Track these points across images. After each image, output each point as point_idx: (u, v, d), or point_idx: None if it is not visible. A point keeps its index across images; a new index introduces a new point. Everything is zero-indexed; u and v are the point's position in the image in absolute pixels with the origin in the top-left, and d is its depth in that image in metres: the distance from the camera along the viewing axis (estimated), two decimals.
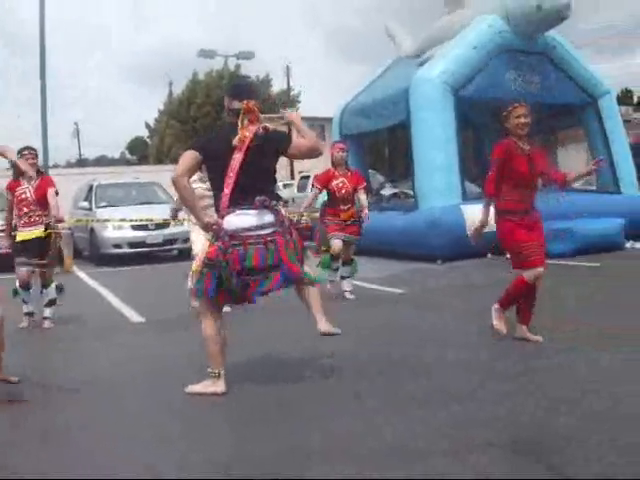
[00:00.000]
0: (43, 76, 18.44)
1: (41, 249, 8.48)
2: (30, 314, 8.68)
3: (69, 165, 63.43)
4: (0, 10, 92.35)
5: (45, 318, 8.65)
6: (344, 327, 6.96)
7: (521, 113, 6.26)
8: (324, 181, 9.60)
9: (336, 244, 9.46)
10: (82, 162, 64.33)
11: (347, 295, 9.65)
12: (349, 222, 9.50)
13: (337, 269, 9.75)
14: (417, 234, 13.32)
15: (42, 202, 8.52)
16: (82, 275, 14.38)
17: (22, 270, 8.55)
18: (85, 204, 18.24)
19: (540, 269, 6.33)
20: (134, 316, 8.89)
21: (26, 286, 8.61)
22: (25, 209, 8.52)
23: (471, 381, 5.25)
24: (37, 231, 8.43)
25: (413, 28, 18.77)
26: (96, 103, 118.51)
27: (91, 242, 17.19)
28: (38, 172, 8.66)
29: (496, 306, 6.64)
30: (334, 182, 9.52)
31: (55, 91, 69.38)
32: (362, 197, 9.59)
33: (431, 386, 5.18)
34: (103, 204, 17.81)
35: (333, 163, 9.68)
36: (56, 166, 49.21)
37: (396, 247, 13.86)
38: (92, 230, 16.93)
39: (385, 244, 13.91)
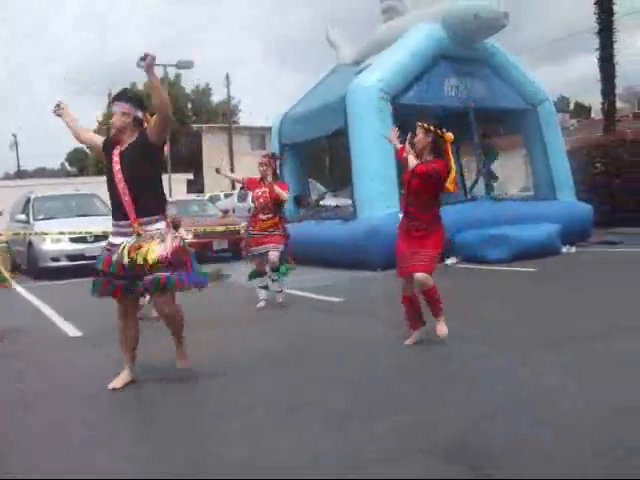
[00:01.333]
0: None
1: None
2: None
3: (7, 177, 62.45)
4: None
5: None
6: (269, 335, 6.99)
7: (416, 132, 6.53)
8: (250, 185, 9.89)
9: (254, 260, 9.80)
10: (21, 174, 63.36)
11: (278, 299, 9.76)
12: (266, 232, 9.60)
13: (266, 286, 9.85)
14: (356, 243, 13.37)
15: None
16: (20, 289, 14.11)
17: None
18: (23, 217, 17.93)
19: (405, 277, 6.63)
20: (72, 330, 8.76)
21: None
22: None
23: (401, 389, 5.30)
24: None
25: (354, 36, 18.90)
26: (34, 113, 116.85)
27: (29, 255, 16.88)
28: None
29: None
30: (256, 190, 9.74)
31: None
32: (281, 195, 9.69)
33: (359, 395, 5.20)
34: (41, 216, 17.53)
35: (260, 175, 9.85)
36: None
37: (336, 256, 13.89)
38: (30, 243, 16.63)
39: (325, 253, 13.97)
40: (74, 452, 4.36)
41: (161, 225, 5.53)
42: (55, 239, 15.92)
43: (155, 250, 5.36)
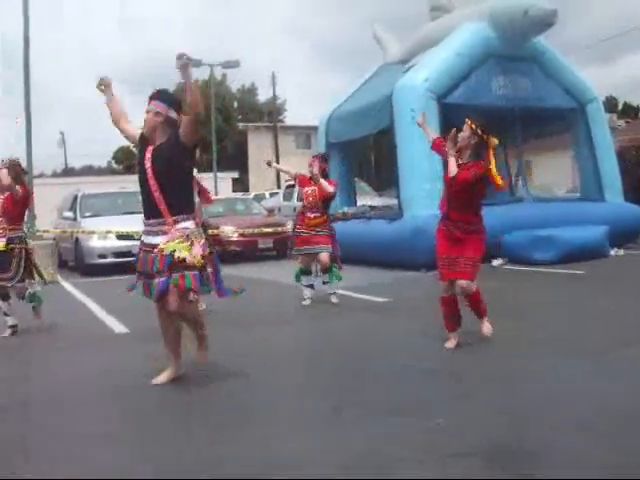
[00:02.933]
0: (27, 86, 18.35)
1: (4, 264, 8.41)
2: (13, 327, 8.65)
3: (55, 175, 63.20)
4: None
5: (12, 326, 8.63)
6: (316, 334, 6.96)
7: (463, 128, 6.44)
8: (301, 182, 9.94)
9: (301, 259, 9.84)
10: (68, 171, 64.08)
11: (332, 300, 9.75)
12: (314, 232, 9.61)
13: (311, 285, 9.89)
14: (402, 242, 13.30)
15: (10, 215, 8.49)
16: (67, 285, 14.28)
17: None
18: (70, 214, 18.13)
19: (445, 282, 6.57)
20: (117, 326, 8.82)
21: (4, 297, 8.58)
22: None
23: (441, 390, 5.27)
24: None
25: (400, 34, 18.79)
26: (83, 112, 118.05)
27: (76, 252, 17.09)
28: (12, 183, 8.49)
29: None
30: (306, 189, 9.78)
31: (42, 100, 69.22)
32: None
33: (399, 396, 5.16)
34: (88, 214, 17.70)
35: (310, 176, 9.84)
36: (42, 175, 49.11)
37: (381, 256, 13.85)
38: (77, 240, 16.82)
39: (370, 253, 13.92)
40: (102, 447, 4.37)
41: (189, 224, 5.53)
42: (102, 236, 16.04)
43: (197, 251, 5.41)
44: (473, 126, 6.34)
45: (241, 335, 7.86)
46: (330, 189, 9.60)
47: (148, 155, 5.56)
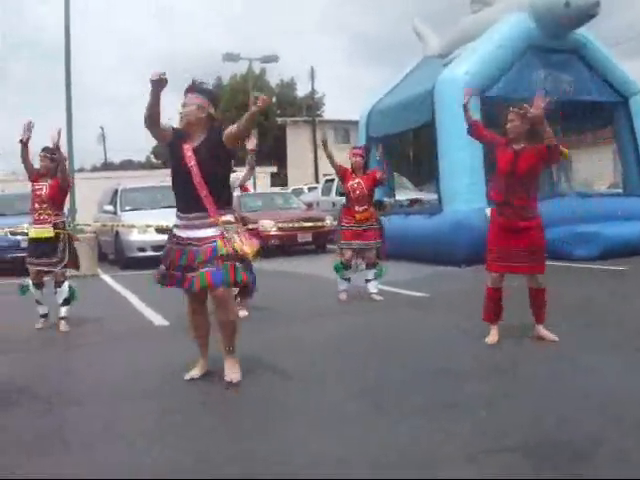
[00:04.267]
0: (68, 81, 18.47)
1: (48, 249, 8.47)
2: (45, 316, 8.74)
3: (95, 169, 63.73)
4: (26, 16, 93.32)
5: (61, 318, 8.59)
6: (356, 329, 6.92)
7: (510, 119, 6.41)
8: (343, 174, 9.79)
9: (347, 253, 9.69)
10: (108, 166, 64.61)
11: (375, 297, 9.71)
12: (365, 226, 9.55)
13: (348, 279, 9.81)
14: (441, 237, 13.23)
15: (55, 201, 8.56)
16: (106, 278, 14.41)
17: (32, 270, 8.63)
18: (110, 208, 18.29)
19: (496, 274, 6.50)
20: (158, 319, 8.86)
21: (39, 285, 8.68)
22: (37, 205, 8.55)
23: (484, 385, 5.22)
24: (46, 231, 8.44)
25: (440, 28, 18.66)
26: (122, 107, 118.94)
27: (116, 246, 17.25)
28: (56, 170, 8.55)
29: None
30: (350, 182, 9.64)
31: (82, 95, 69.82)
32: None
33: (441, 391, 5.13)
34: (128, 208, 17.84)
35: (351, 167, 9.78)
36: (82, 170, 49.52)
37: (420, 250, 13.77)
38: (117, 234, 16.98)
39: (410, 247, 13.84)
40: (140, 442, 4.38)
41: (231, 217, 5.52)
42: (142, 230, 16.15)
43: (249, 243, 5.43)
44: (521, 112, 6.27)
45: (279, 329, 7.85)
46: (381, 175, 9.76)
47: (189, 153, 5.44)
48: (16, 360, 7.06)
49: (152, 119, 5.38)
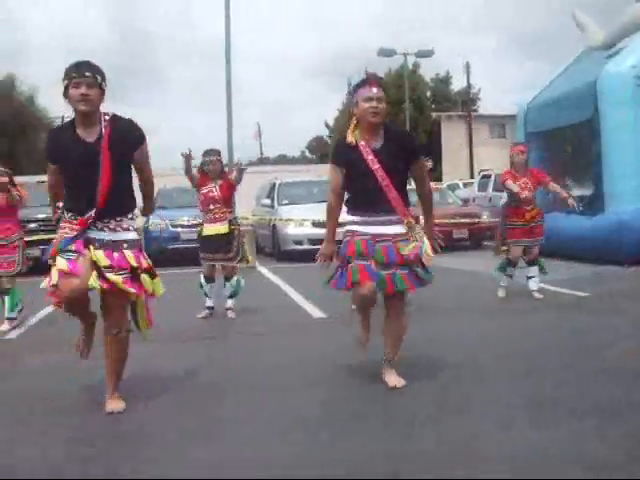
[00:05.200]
0: (229, 78, 18.96)
1: (224, 245, 8.77)
2: (211, 308, 9.06)
3: (251, 164, 65.09)
4: (188, 19, 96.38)
5: (228, 309, 9.02)
6: (515, 328, 6.90)
7: None
8: (507, 177, 9.49)
9: (516, 251, 9.50)
10: (263, 161, 65.87)
11: (535, 295, 9.52)
12: (533, 223, 9.38)
13: (510, 275, 9.65)
14: (603, 236, 12.76)
15: (227, 200, 8.81)
16: (264, 270, 14.68)
17: (206, 265, 8.96)
18: (267, 202, 18.68)
19: None
20: (315, 312, 8.94)
21: (210, 279, 8.95)
22: (211, 206, 8.82)
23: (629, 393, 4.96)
24: (222, 227, 8.73)
25: (602, 18, 17.99)
26: (277, 103, 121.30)
27: (273, 239, 17.56)
28: (222, 171, 9.03)
29: None
30: (518, 182, 9.38)
31: (238, 92, 71.51)
32: (555, 186, 9.66)
33: (602, 395, 4.91)
34: (285, 202, 18.14)
35: (512, 164, 9.53)
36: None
37: (580, 249, 13.34)
38: (274, 227, 17.30)
39: (569, 246, 13.43)
40: (287, 433, 4.42)
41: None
42: (299, 223, 16.37)
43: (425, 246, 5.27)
44: None
45: (435, 325, 7.77)
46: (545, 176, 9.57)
47: (371, 157, 5.16)
48: (188, 349, 7.34)
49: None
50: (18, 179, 9.06)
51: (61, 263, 4.80)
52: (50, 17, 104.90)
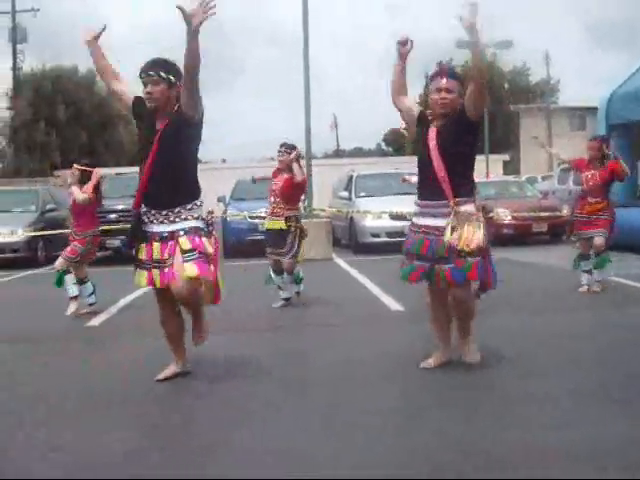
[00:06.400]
0: (306, 71, 18.99)
1: (279, 240, 8.96)
2: (287, 299, 9.20)
3: (327, 156, 65.24)
4: (265, 8, 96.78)
5: (297, 292, 9.36)
6: (591, 324, 7.10)
7: None
8: (580, 166, 9.68)
9: (582, 244, 9.51)
10: (339, 153, 65.93)
11: (595, 287, 9.44)
12: (594, 216, 9.28)
13: (589, 270, 9.47)
14: None
15: (286, 196, 8.97)
16: (340, 262, 14.71)
17: (269, 258, 9.21)
18: (345, 194, 18.71)
19: None
20: (393, 305, 8.93)
21: (278, 272, 9.12)
22: (272, 199, 9.12)
23: None
24: (278, 223, 8.95)
25: None
26: (353, 96, 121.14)
27: (350, 231, 17.61)
28: (290, 167, 8.99)
29: None
30: (585, 173, 9.45)
31: (315, 84, 71.84)
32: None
33: None
34: (362, 194, 18.15)
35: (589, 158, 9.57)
36: (314, 157, 50.88)
37: None
38: (351, 219, 17.34)
39: None
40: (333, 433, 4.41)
41: (471, 207, 5.29)
42: (376, 216, 16.35)
43: (478, 236, 5.14)
44: None
45: (513, 321, 7.69)
46: (625, 169, 9.37)
47: (432, 134, 5.30)
48: (261, 338, 7.43)
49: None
50: (100, 171, 9.21)
51: (140, 278, 5.39)
52: (133, 14, 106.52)
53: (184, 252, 5.08)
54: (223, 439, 4.27)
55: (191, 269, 5.04)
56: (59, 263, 8.91)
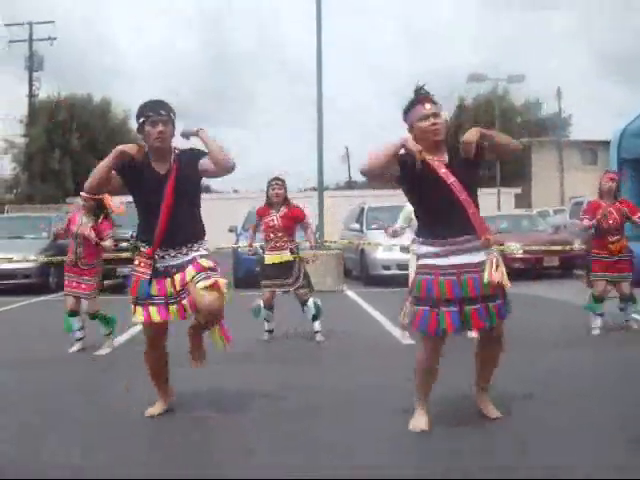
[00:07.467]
0: (320, 103, 19.15)
1: (284, 271, 8.97)
2: (270, 331, 9.25)
3: (338, 187, 65.29)
4: (277, 38, 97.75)
5: (316, 332, 9.09)
6: (609, 362, 7.07)
7: None
8: (594, 210, 9.09)
9: (599, 285, 9.07)
10: (351, 184, 65.97)
11: (632, 325, 9.24)
12: (617, 257, 8.98)
13: (602, 314, 9.17)
14: None
15: (287, 229, 9.07)
16: (351, 294, 14.71)
17: (266, 291, 9.14)
18: (356, 226, 18.79)
19: None
20: (405, 338, 8.90)
21: (268, 306, 9.15)
22: (272, 235, 9.10)
23: None
24: (283, 255, 9.00)
25: None
26: (365, 127, 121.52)
27: (361, 263, 17.62)
28: (285, 200, 9.17)
29: None
30: (600, 211, 9.00)
31: (326, 115, 72.09)
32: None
33: None
34: (374, 226, 18.16)
35: (600, 192, 9.21)
36: (326, 188, 50.99)
37: None
38: (362, 251, 17.35)
39: None
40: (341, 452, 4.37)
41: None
42: (387, 248, 16.35)
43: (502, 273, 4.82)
44: None
45: (530, 358, 7.64)
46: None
47: (444, 170, 4.85)
48: (270, 369, 7.46)
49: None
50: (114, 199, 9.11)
51: (153, 313, 5.22)
52: (144, 43, 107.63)
53: (195, 275, 5.07)
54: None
55: (205, 281, 5.03)
56: (92, 306, 8.77)
